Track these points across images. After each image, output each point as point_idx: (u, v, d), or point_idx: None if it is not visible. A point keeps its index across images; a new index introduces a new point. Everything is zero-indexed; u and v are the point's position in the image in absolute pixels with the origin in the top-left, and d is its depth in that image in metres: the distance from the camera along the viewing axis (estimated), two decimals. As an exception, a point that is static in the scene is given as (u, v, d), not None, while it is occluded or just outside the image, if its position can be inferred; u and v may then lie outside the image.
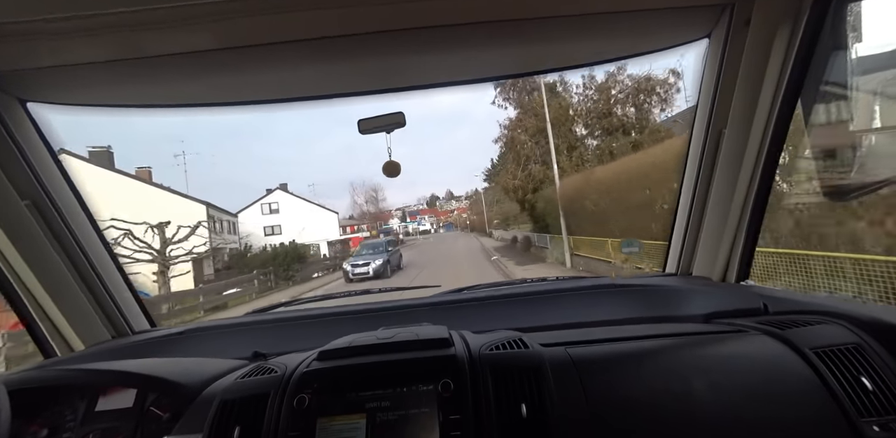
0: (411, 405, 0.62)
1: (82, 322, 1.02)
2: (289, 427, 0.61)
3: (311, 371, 0.68)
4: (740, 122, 0.98)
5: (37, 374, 0.76)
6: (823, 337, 0.67)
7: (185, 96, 1.11)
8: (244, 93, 1.10)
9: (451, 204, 53.36)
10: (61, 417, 0.72)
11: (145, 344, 1.03)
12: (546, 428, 0.58)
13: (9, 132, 0.92)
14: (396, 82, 1.09)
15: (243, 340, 1.00)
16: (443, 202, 58.41)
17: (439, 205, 59.15)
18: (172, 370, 0.76)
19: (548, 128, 10.33)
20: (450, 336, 0.74)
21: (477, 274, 9.30)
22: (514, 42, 0.94)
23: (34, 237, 0.95)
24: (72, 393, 0.74)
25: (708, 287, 1.06)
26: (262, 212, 23.58)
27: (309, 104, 1.20)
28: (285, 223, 22.80)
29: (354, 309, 1.15)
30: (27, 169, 0.94)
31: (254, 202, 23.95)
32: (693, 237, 1.15)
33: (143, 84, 0.98)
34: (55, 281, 0.98)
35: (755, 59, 0.91)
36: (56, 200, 0.98)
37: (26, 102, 0.98)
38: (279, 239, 17.69)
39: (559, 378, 0.63)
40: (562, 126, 12.03)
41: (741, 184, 1.01)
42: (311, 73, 1.02)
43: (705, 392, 0.61)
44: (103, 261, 1.07)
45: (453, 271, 10.28)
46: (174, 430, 0.65)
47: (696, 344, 0.73)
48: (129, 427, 0.71)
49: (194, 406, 0.69)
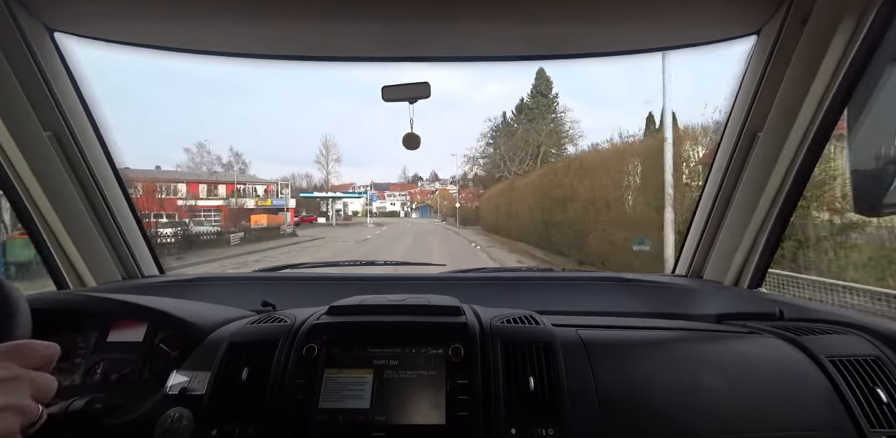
0: (420, 366, 0.63)
1: (95, 259, 1.03)
2: (296, 375, 0.62)
3: (321, 323, 0.68)
4: (778, 126, 0.96)
5: (54, 296, 0.77)
6: (841, 346, 0.68)
7: (209, 41, 1.07)
8: (263, 45, 1.06)
9: (434, 186, 46.68)
10: (74, 343, 0.74)
11: (154, 287, 1.05)
12: (553, 403, 0.59)
13: (35, 60, 0.90)
14: (420, 51, 1.05)
15: (251, 293, 1.01)
16: (426, 183, 49.22)
17: (421, 185, 49.51)
18: (184, 310, 0.77)
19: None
20: (461, 305, 0.74)
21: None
22: (551, 19, 0.90)
23: (54, 169, 0.95)
24: (85, 321, 0.75)
25: (721, 290, 1.06)
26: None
27: (320, 65, 1.16)
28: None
29: (361, 276, 1.16)
30: (51, 99, 0.93)
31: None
32: (709, 240, 1.14)
33: (166, 23, 0.95)
34: (71, 214, 0.98)
35: (806, 61, 0.88)
36: (77, 135, 0.98)
37: (54, 32, 0.96)
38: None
39: (569, 357, 0.64)
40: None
41: (769, 191, 1.00)
42: (333, 31, 0.98)
43: (713, 386, 0.61)
44: (118, 202, 1.07)
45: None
46: (183, 366, 0.67)
47: (707, 339, 0.73)
48: (137, 360, 0.72)
49: (202, 346, 0.70)
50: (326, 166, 37.60)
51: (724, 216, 1.10)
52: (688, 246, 1.22)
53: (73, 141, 0.97)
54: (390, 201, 48.80)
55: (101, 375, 0.71)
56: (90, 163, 1.00)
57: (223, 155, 29.65)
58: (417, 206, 44.93)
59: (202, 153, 27.00)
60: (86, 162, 1.00)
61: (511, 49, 1.04)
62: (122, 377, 0.71)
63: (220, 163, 27.94)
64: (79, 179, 0.99)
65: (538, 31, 0.96)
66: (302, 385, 0.61)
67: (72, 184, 0.97)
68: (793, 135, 0.94)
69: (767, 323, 0.82)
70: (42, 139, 0.92)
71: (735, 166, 1.06)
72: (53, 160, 0.94)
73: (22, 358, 0.37)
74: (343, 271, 1.32)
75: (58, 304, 0.75)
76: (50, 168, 0.94)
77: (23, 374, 0.36)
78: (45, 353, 0.39)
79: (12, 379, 0.35)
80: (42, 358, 0.39)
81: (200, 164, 26.21)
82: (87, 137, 1.02)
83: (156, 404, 0.61)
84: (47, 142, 0.93)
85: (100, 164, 1.04)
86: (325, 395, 0.60)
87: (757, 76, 0.97)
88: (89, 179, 1.00)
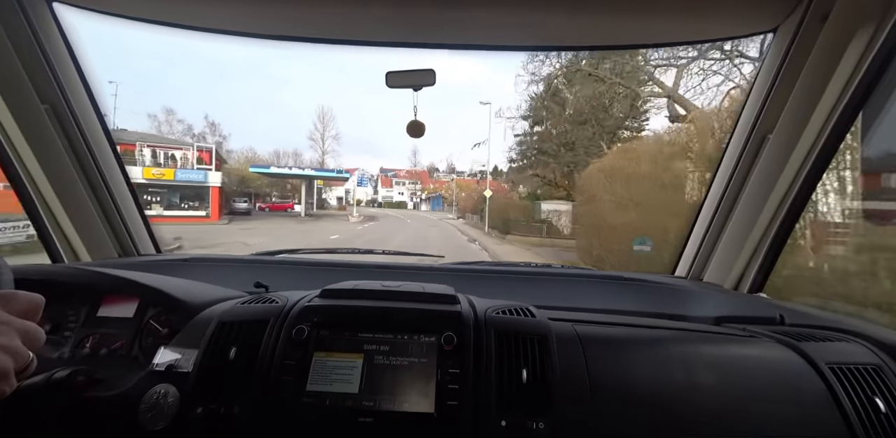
0: (411, 353, 0.62)
1: (91, 235, 1.02)
2: (285, 356, 0.61)
3: (312, 305, 0.68)
4: (789, 129, 0.94)
5: (45, 267, 0.76)
6: (842, 353, 0.67)
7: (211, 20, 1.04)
8: (268, 25, 1.03)
9: (451, 178, 41.72)
10: (63, 316, 0.73)
11: (149, 265, 1.04)
12: (544, 396, 0.58)
13: (33, 30, 0.88)
14: (427, 37, 1.02)
15: (245, 275, 1.00)
16: (442, 175, 44.23)
17: (437, 177, 44.40)
18: (176, 287, 0.77)
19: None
20: (456, 294, 0.73)
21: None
22: (570, 10, 0.89)
23: (51, 143, 0.93)
24: (77, 294, 0.75)
25: (720, 293, 1.05)
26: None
27: (325, 47, 1.12)
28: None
29: (358, 263, 1.15)
30: (48, 72, 0.91)
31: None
32: (711, 243, 1.13)
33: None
34: (68, 189, 0.97)
35: (823, 61, 0.86)
36: (74, 108, 0.96)
37: (52, 1, 0.94)
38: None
39: (563, 350, 0.63)
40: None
41: (776, 194, 0.98)
42: (339, 13, 0.96)
43: (708, 386, 0.61)
44: (115, 179, 1.06)
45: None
46: (171, 343, 0.66)
47: (704, 340, 0.72)
48: (128, 335, 0.71)
49: (192, 323, 0.69)
50: (322, 143, 29.28)
51: (728, 218, 1.08)
52: (689, 248, 1.21)
53: (70, 114, 0.96)
54: (398, 190, 41.96)
55: (89, 349, 0.71)
56: (87, 137, 0.99)
57: (196, 124, 24.34)
58: (429, 196, 37.49)
59: (171, 121, 22.27)
60: (83, 136, 0.98)
61: (529, 39, 1.03)
62: (112, 352, 0.70)
63: (192, 133, 22.86)
64: (76, 154, 0.98)
65: (558, 21, 0.94)
66: (290, 366, 0.60)
67: (68, 158, 0.96)
68: (804, 139, 0.92)
69: (767, 327, 0.81)
70: (39, 112, 0.91)
71: (742, 168, 1.04)
72: (50, 133, 0.93)
73: (5, 304, 0.37)
74: (341, 258, 1.31)
75: (49, 276, 0.74)
76: (47, 141, 0.93)
77: (10, 319, 0.36)
78: (31, 301, 0.39)
79: (1, 323, 0.35)
80: (27, 305, 0.39)
81: (169, 134, 20.72)
82: (85, 111, 1.00)
83: (142, 380, 0.61)
84: (44, 115, 0.92)
85: (97, 139, 1.03)
86: (313, 378, 0.60)
87: (770, 76, 0.95)
88: (86, 154, 0.99)
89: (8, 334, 0.35)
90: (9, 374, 0.34)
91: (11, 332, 0.35)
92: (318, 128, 29.84)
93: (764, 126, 0.99)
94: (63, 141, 0.96)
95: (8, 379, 0.34)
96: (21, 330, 0.36)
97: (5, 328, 0.35)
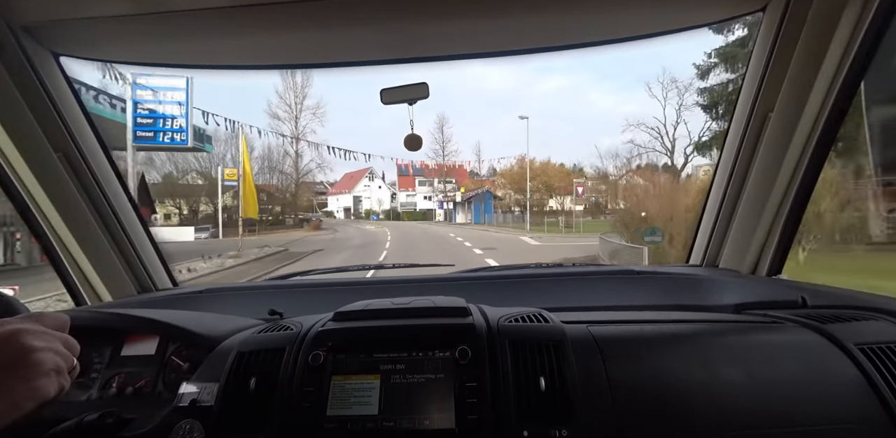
0: (427, 370, 0.62)
1: (110, 275, 1.06)
2: (304, 383, 0.62)
3: (326, 330, 0.68)
4: (790, 106, 0.92)
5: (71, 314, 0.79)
6: (870, 332, 0.64)
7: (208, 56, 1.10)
8: (263, 56, 1.09)
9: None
10: (90, 359, 0.75)
11: (168, 300, 1.07)
12: (565, 404, 0.57)
13: (43, 85, 0.93)
14: (419, 51, 1.05)
15: (260, 302, 1.02)
16: (483, 178, 29.63)
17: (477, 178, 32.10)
18: (194, 322, 0.79)
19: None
20: (467, 306, 0.73)
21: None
22: (552, 9, 0.89)
23: (66, 189, 0.97)
24: (100, 337, 0.77)
25: (738, 278, 1.01)
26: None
27: (329, 71, 1.18)
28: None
29: (369, 280, 1.16)
30: (59, 121, 0.95)
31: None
32: (723, 227, 1.10)
33: (165, 41, 0.98)
34: (85, 233, 1.01)
35: (815, 36, 0.83)
36: (86, 154, 1.00)
37: (59, 56, 0.99)
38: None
39: (580, 355, 0.62)
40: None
41: (784, 174, 0.95)
42: (332, 38, 1.00)
43: (733, 380, 0.58)
44: (129, 218, 1.10)
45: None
46: (192, 378, 0.67)
47: (725, 331, 0.70)
48: (151, 373, 0.73)
49: (212, 356, 0.71)
50: (295, 117, 20.15)
51: (737, 201, 1.06)
52: (701, 235, 1.18)
53: (82, 160, 1.00)
54: (423, 192, 29.97)
55: (116, 389, 0.73)
56: (100, 180, 1.03)
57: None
58: (468, 198, 23.14)
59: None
60: (95, 180, 1.02)
61: (515, 43, 1.03)
62: (137, 390, 0.72)
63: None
64: (90, 197, 1.02)
65: (542, 22, 0.95)
66: (309, 392, 0.61)
67: (83, 202, 1.00)
68: (806, 114, 0.89)
69: (790, 311, 0.78)
70: (53, 160, 0.95)
71: (747, 149, 1.02)
72: (65, 180, 0.97)
73: (37, 321, 0.40)
74: (351, 276, 1.32)
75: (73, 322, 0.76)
76: (62, 188, 0.97)
77: (47, 329, 0.39)
78: (58, 319, 0.42)
79: (41, 332, 0.38)
80: (55, 322, 0.42)
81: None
82: (95, 156, 1.04)
83: (167, 416, 0.62)
84: (58, 164, 0.96)
85: (109, 181, 1.06)
86: (332, 403, 0.60)
87: (765, 54, 0.93)
88: (100, 197, 1.03)
89: (51, 340, 0.39)
90: (63, 371, 0.38)
91: (54, 339, 0.39)
92: (284, 99, 21.26)
93: (764, 105, 0.96)
94: (77, 186, 1.00)
95: (64, 375, 0.38)
96: (60, 338, 0.40)
97: (47, 336, 0.39)
